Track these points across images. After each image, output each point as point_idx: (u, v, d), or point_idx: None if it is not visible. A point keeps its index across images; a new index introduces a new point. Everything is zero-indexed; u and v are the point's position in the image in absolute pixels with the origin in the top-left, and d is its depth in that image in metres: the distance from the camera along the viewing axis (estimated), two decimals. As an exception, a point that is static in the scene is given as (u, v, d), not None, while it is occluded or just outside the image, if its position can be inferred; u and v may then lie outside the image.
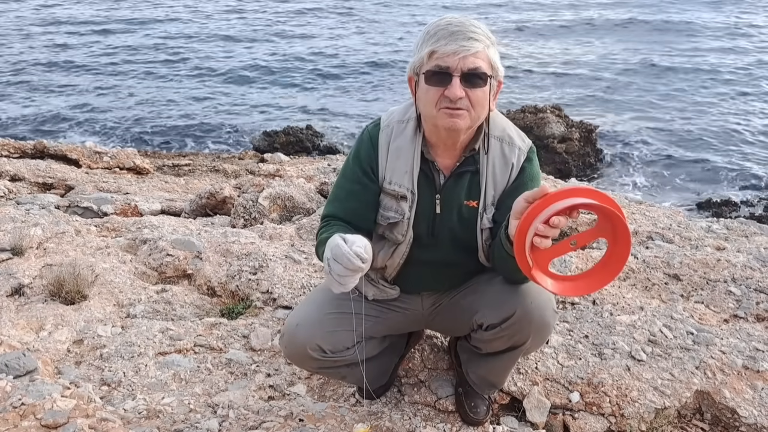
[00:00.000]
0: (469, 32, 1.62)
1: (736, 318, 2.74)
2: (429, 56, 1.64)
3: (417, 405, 2.25)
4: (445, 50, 1.61)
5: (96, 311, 2.78)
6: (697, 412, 2.28)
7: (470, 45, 1.61)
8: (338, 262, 1.50)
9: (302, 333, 1.87)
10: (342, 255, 1.50)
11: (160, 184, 6.28)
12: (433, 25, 1.67)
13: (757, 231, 3.86)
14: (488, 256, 1.86)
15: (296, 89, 13.50)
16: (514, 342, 1.86)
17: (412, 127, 1.81)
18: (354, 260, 1.49)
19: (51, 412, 1.88)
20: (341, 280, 1.51)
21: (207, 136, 10.62)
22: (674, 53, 15.60)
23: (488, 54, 1.65)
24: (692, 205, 7.93)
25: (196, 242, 3.40)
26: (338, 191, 1.88)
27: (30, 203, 4.52)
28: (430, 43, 1.64)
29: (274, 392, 2.33)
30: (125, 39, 17.71)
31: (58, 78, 13.78)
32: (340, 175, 1.90)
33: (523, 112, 9.49)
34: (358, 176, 1.84)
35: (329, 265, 1.53)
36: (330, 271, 1.52)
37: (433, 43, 1.63)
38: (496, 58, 1.68)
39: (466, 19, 1.66)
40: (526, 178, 1.82)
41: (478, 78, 1.63)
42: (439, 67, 1.63)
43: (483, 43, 1.63)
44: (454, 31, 1.62)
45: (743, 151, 9.86)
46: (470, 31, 1.62)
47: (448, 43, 1.61)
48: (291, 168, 5.94)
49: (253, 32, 18.93)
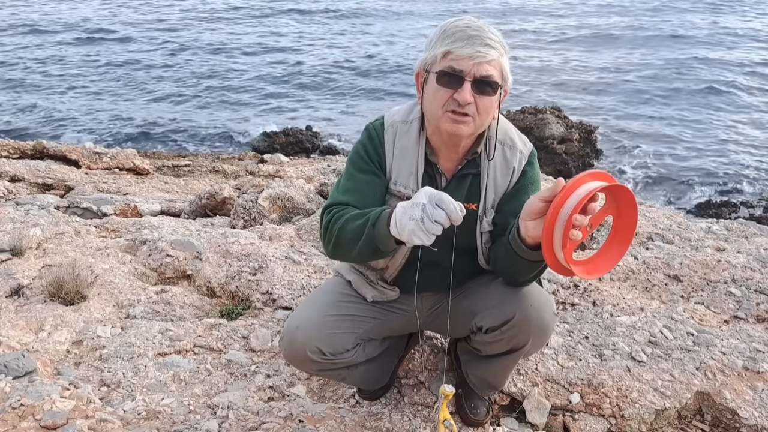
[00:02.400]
0: (486, 38, 1.61)
1: (737, 319, 2.74)
2: (443, 56, 1.63)
3: (417, 406, 2.24)
4: (461, 53, 1.59)
5: (95, 312, 2.78)
6: (698, 414, 2.28)
7: (486, 52, 1.60)
8: (442, 207, 1.43)
9: (302, 335, 1.85)
10: (449, 201, 1.43)
11: (160, 185, 6.27)
12: (451, 25, 1.65)
13: (757, 232, 3.86)
14: (488, 259, 1.86)
15: (296, 90, 13.51)
16: (514, 344, 1.86)
17: (416, 127, 1.80)
18: (459, 211, 1.44)
19: (50, 413, 1.88)
20: (434, 229, 1.43)
21: (206, 137, 10.62)
22: (675, 54, 15.62)
23: (501, 63, 1.64)
24: (692, 206, 7.93)
25: (196, 243, 3.39)
26: (348, 182, 1.82)
27: (29, 204, 4.52)
28: (447, 43, 1.62)
29: (274, 393, 2.33)
30: (125, 39, 17.72)
31: (58, 79, 13.78)
32: (349, 167, 1.84)
33: (522, 113, 9.50)
34: (370, 168, 1.80)
35: (425, 210, 1.43)
36: (423, 217, 1.43)
37: (449, 44, 1.61)
38: (508, 67, 1.67)
39: (484, 24, 1.65)
40: (527, 182, 1.82)
41: (489, 86, 1.62)
42: (452, 68, 1.61)
43: (498, 52, 1.63)
44: (472, 35, 1.60)
45: (743, 152, 9.86)
46: (488, 38, 1.61)
47: (465, 46, 1.59)
48: (291, 169, 5.95)
49: (252, 33, 18.95)
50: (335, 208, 1.75)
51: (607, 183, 1.44)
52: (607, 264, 1.55)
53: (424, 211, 1.43)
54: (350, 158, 1.85)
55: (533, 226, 1.51)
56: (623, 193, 1.48)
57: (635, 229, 1.53)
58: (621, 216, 1.54)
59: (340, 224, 1.67)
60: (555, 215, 1.42)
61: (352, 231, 1.63)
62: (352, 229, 1.63)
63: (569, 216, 1.39)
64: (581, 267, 1.52)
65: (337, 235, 1.68)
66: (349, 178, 1.82)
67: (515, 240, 1.60)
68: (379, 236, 1.57)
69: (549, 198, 1.44)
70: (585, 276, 1.52)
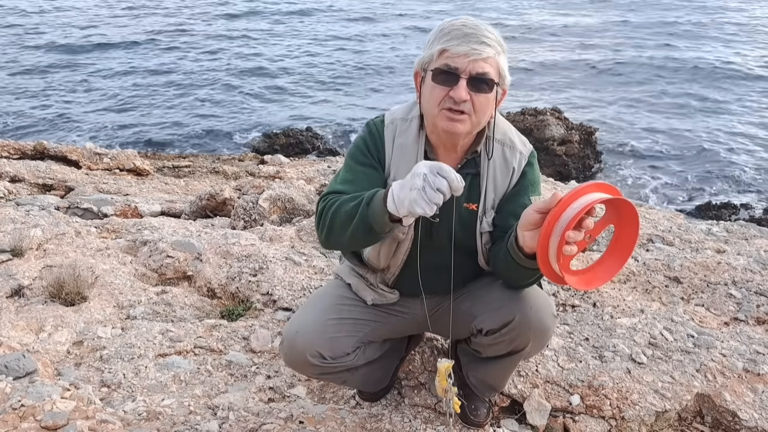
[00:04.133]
0: (482, 36, 1.61)
1: (737, 321, 2.74)
2: (439, 54, 1.64)
3: (417, 407, 2.24)
4: (457, 51, 1.60)
5: (96, 313, 2.78)
6: (698, 415, 2.28)
7: (482, 49, 1.60)
8: (443, 176, 1.41)
9: (302, 340, 1.85)
10: (450, 170, 1.42)
11: (160, 186, 6.28)
12: (447, 24, 1.66)
13: (757, 234, 3.86)
14: (488, 259, 1.86)
15: (297, 91, 13.52)
16: (514, 347, 1.86)
17: (416, 126, 1.80)
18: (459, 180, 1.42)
19: (51, 414, 1.88)
20: (435, 197, 1.40)
21: (207, 138, 10.62)
22: (676, 56, 15.63)
23: (498, 61, 1.65)
24: (692, 208, 7.93)
25: (196, 244, 3.40)
26: (347, 174, 1.80)
27: (30, 204, 4.53)
28: (443, 42, 1.63)
29: (274, 394, 2.33)
30: (125, 39, 17.73)
31: (58, 80, 13.78)
32: (348, 160, 1.83)
33: (523, 114, 9.50)
34: (369, 162, 1.80)
35: (426, 179, 1.41)
36: (425, 186, 1.40)
37: (445, 42, 1.62)
38: (505, 66, 1.67)
39: (481, 23, 1.65)
40: (527, 183, 1.82)
41: (485, 83, 1.63)
42: (447, 66, 1.62)
43: (494, 50, 1.63)
44: (468, 33, 1.61)
45: (744, 154, 9.87)
46: (484, 36, 1.61)
47: (461, 44, 1.60)
48: (291, 170, 5.95)
49: (253, 33, 18.96)
50: (331, 196, 1.73)
51: (607, 196, 1.42)
52: (604, 275, 1.54)
53: (426, 180, 1.41)
54: (350, 152, 1.85)
55: (530, 236, 1.51)
56: (625, 205, 1.46)
57: (635, 243, 1.51)
58: (622, 226, 1.51)
59: (334, 208, 1.66)
60: (550, 229, 1.42)
61: (345, 213, 1.62)
62: (345, 211, 1.62)
63: (563, 231, 1.39)
64: (578, 278, 1.52)
65: (331, 218, 1.66)
66: (348, 170, 1.81)
67: (513, 248, 1.61)
68: (373, 214, 1.54)
69: (545, 210, 1.44)
70: (581, 287, 1.52)
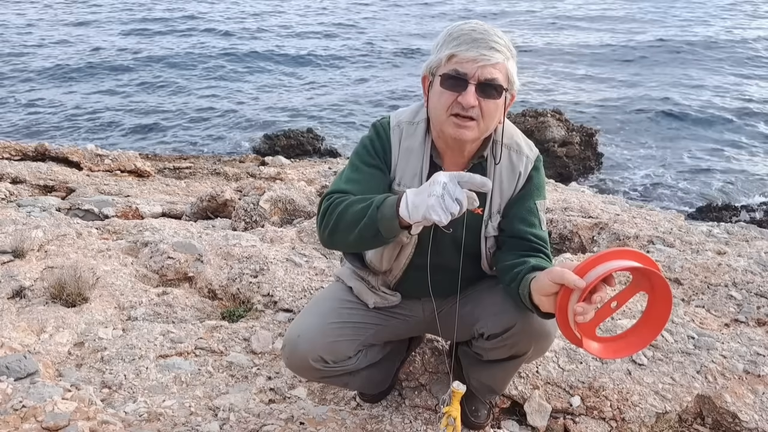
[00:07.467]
0: (491, 41, 1.60)
1: (737, 322, 2.74)
2: (448, 59, 1.62)
3: (418, 409, 2.25)
4: (466, 56, 1.59)
5: (97, 314, 2.78)
6: (698, 417, 2.28)
7: (491, 55, 1.58)
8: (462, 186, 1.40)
9: (304, 344, 1.84)
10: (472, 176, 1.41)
11: (161, 187, 6.28)
12: (456, 28, 1.64)
13: (758, 235, 3.86)
14: (491, 263, 1.86)
15: (297, 92, 13.53)
16: (516, 351, 1.85)
17: (422, 129, 1.78)
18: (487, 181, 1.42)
19: (52, 415, 1.88)
20: (453, 207, 1.39)
21: (207, 139, 10.62)
22: (677, 56, 15.64)
23: (507, 66, 1.63)
24: (693, 209, 7.93)
25: (197, 245, 3.40)
26: (352, 173, 1.77)
27: (31, 206, 4.54)
28: (452, 46, 1.61)
29: (275, 395, 2.33)
30: (125, 40, 17.76)
31: (58, 81, 13.80)
32: (354, 159, 1.81)
33: (523, 116, 9.49)
34: (376, 162, 1.78)
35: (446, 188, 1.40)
36: (444, 195, 1.39)
37: (454, 47, 1.60)
38: (514, 71, 1.66)
39: (490, 28, 1.63)
40: (532, 187, 1.81)
41: (494, 89, 1.61)
42: (456, 72, 1.60)
43: (504, 55, 1.61)
44: (477, 38, 1.59)
45: (744, 154, 9.87)
46: (493, 41, 1.60)
47: (470, 49, 1.58)
48: (292, 171, 5.96)
49: (254, 34, 18.99)
50: (336, 195, 1.70)
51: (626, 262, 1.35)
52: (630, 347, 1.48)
53: (446, 188, 1.40)
54: (356, 151, 1.83)
55: (547, 301, 1.49)
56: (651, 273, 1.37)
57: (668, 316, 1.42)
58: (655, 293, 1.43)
59: (341, 208, 1.63)
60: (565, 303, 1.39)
61: (353, 214, 1.59)
62: (353, 212, 1.59)
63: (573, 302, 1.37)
64: (603, 345, 1.48)
65: (337, 217, 1.64)
66: (353, 169, 1.79)
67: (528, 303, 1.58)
68: (383, 218, 1.52)
69: (558, 281, 1.41)
70: (607, 356, 1.48)
